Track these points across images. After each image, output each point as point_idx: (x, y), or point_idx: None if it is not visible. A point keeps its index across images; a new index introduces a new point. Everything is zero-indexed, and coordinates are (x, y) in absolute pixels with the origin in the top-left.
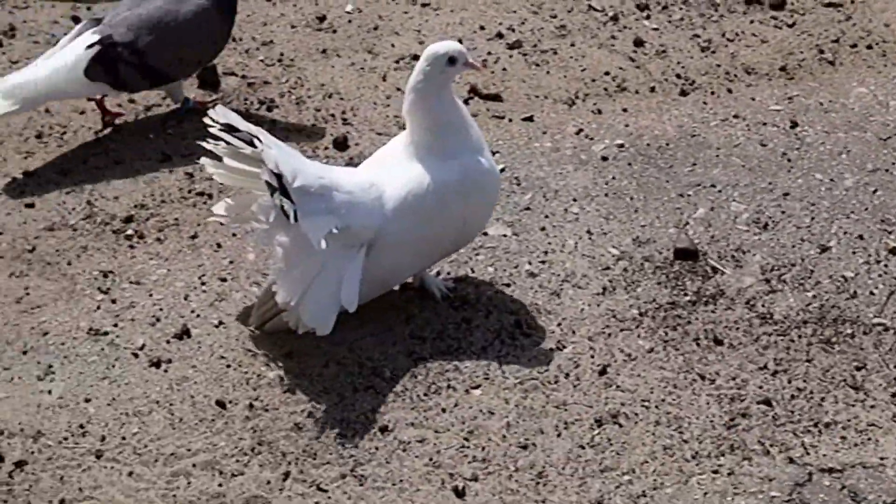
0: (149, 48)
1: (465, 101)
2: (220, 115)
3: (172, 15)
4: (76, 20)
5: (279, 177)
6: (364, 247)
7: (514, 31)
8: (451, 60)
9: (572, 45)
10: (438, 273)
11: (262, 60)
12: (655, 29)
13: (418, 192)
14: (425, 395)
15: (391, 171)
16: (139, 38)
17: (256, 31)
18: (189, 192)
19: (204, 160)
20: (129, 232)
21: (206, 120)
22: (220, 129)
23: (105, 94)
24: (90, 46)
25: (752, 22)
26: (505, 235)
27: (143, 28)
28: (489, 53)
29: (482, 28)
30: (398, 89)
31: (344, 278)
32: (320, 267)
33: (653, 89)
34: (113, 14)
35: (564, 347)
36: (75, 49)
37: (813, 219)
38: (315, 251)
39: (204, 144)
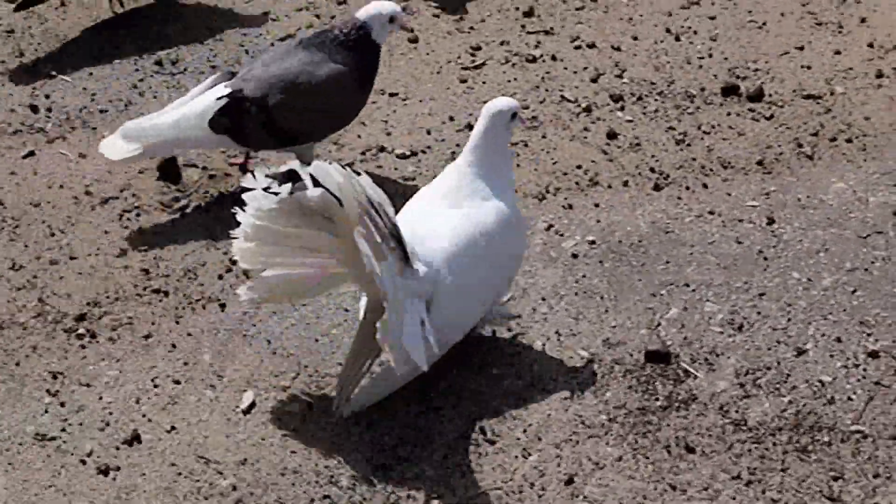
0: (277, 106)
1: None
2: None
3: (307, 75)
4: (34, 109)
5: (375, 207)
6: (423, 300)
7: None
8: (514, 116)
9: (543, 136)
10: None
11: (223, 151)
12: (629, 121)
13: (470, 237)
14: None
15: (433, 222)
16: (269, 95)
17: None
18: (145, 289)
19: (242, 230)
20: (81, 331)
21: (246, 182)
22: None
23: (228, 148)
24: (220, 98)
25: (728, 114)
26: (470, 335)
27: (276, 85)
28: (458, 145)
29: (451, 119)
30: None
31: (423, 320)
32: (413, 299)
33: (626, 183)
34: (248, 69)
35: (530, 455)
36: (205, 99)
37: (789, 320)
38: (412, 284)
39: (240, 216)
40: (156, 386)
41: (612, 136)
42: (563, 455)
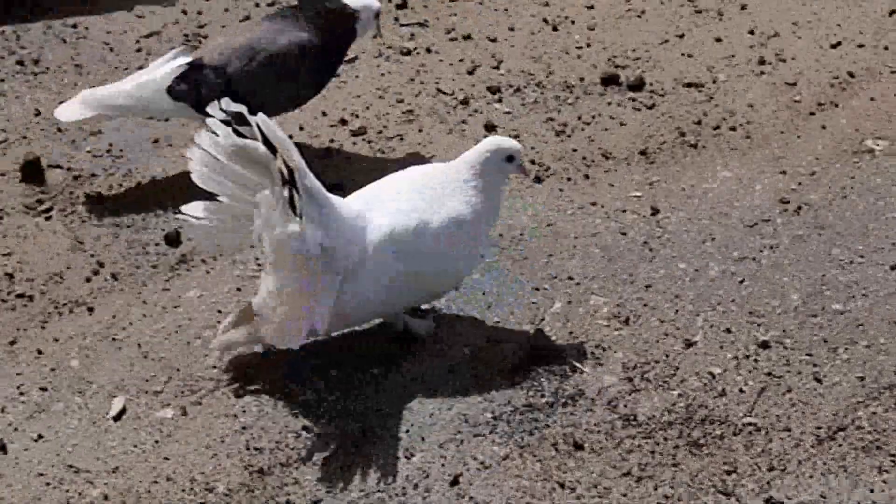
0: (236, 74)
1: None
2: (228, 104)
3: (267, 44)
4: None
5: (291, 171)
6: (341, 275)
7: (357, 116)
8: (510, 158)
9: (420, 130)
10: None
11: (89, 151)
12: (508, 112)
13: (404, 229)
14: None
15: (382, 207)
16: (229, 64)
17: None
18: (9, 293)
19: (193, 151)
20: None
21: (210, 109)
22: (228, 120)
23: (185, 117)
24: (180, 66)
25: (609, 104)
26: (349, 335)
27: (235, 54)
28: (332, 141)
29: (324, 114)
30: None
31: (320, 299)
32: (302, 278)
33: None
34: (211, 39)
35: (413, 455)
36: (165, 68)
37: (677, 312)
38: (305, 259)
39: (197, 138)
40: (21, 394)
41: (490, 128)
42: (447, 455)
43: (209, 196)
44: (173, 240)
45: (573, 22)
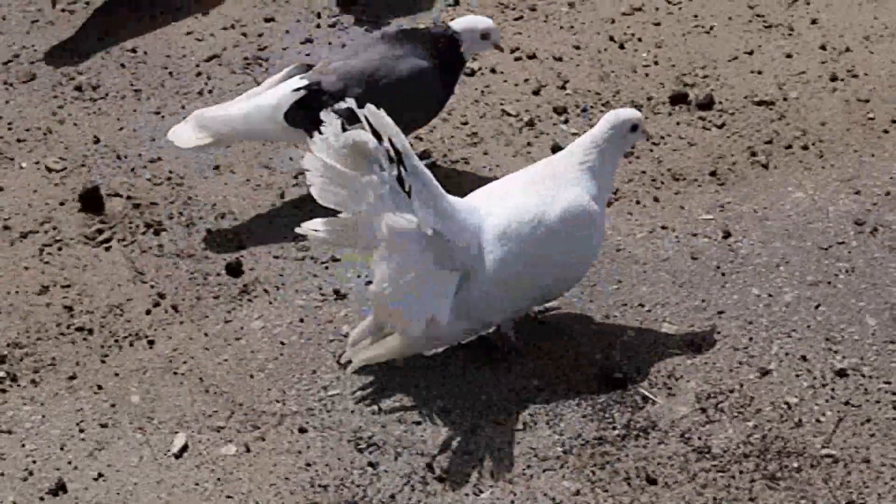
0: (357, 100)
1: None
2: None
3: (387, 70)
4: None
5: (398, 153)
6: (459, 272)
7: (422, 139)
8: (634, 128)
9: (485, 153)
10: None
11: (149, 179)
12: (575, 133)
13: (521, 222)
14: None
15: (498, 201)
16: (348, 90)
17: (143, 146)
18: (68, 327)
19: (308, 160)
20: (2, 374)
21: (323, 115)
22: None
23: (301, 142)
24: (296, 90)
25: (678, 124)
26: (413, 367)
27: (355, 80)
28: None
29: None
30: (296, 207)
31: (438, 290)
32: (420, 260)
33: None
34: (325, 61)
35: (482, 492)
36: (279, 91)
37: (751, 339)
38: (418, 241)
39: (311, 145)
40: (81, 430)
41: (556, 150)
42: (517, 491)
43: (329, 212)
44: (235, 270)
45: (640, 39)
